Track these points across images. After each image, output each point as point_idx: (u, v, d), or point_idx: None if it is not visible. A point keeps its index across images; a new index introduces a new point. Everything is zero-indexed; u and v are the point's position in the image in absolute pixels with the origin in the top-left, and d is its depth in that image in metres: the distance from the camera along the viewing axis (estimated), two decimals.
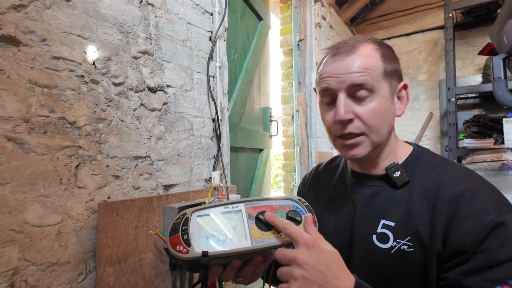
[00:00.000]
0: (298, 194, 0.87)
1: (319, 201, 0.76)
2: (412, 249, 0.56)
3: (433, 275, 0.54)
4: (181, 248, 0.50)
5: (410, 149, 0.66)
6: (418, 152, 0.65)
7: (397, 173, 0.61)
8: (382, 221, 0.61)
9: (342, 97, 0.59)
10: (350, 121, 0.59)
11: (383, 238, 0.60)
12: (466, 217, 0.52)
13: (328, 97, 0.62)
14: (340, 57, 0.60)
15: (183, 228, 0.53)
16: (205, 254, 0.49)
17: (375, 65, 0.59)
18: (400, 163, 0.63)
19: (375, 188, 0.64)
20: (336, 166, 0.79)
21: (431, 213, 0.56)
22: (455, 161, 0.64)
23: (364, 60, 0.59)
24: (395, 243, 0.58)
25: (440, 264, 0.54)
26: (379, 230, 0.61)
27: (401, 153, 0.65)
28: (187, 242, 0.51)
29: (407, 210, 0.59)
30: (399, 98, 0.64)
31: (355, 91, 0.59)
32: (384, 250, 0.59)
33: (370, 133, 0.59)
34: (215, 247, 0.52)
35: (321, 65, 0.65)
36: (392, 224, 0.59)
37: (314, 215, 0.57)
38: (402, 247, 0.57)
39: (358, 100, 0.59)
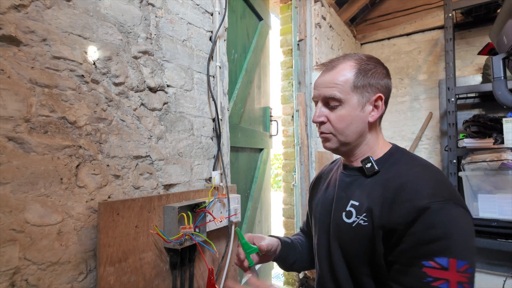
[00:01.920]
0: (309, 189, 1.03)
1: (320, 190, 0.92)
2: (367, 223, 0.69)
3: (379, 246, 0.66)
4: None
5: (388, 147, 0.79)
6: (393, 150, 0.78)
7: (368, 165, 0.74)
8: (351, 201, 0.75)
9: (319, 105, 0.77)
10: (322, 123, 0.77)
11: (349, 214, 0.74)
12: (403, 201, 0.63)
13: (316, 104, 0.79)
14: (323, 73, 0.77)
15: None
16: None
17: (345, 81, 0.73)
18: (376, 158, 0.76)
19: (353, 177, 0.78)
20: (337, 162, 0.94)
21: (384, 196, 0.68)
22: (422, 158, 0.78)
23: (337, 76, 0.74)
24: (356, 218, 0.72)
25: (385, 241, 0.66)
26: (347, 208, 0.75)
27: (380, 151, 0.78)
28: None
29: (368, 193, 0.72)
30: (375, 106, 0.75)
31: (328, 101, 0.75)
32: (348, 224, 0.73)
33: (337, 133, 0.76)
34: None
35: None
36: (357, 203, 0.73)
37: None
38: (360, 222, 0.71)
39: (331, 108, 0.75)
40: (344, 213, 0.75)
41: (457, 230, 0.59)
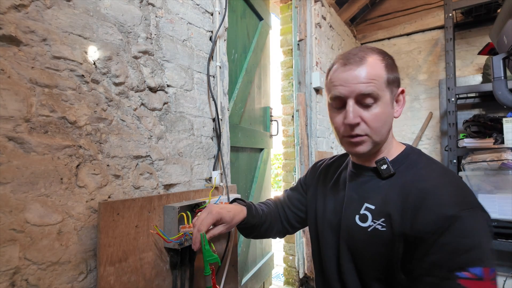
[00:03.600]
0: (306, 175, 1.02)
1: (326, 184, 0.88)
2: (385, 229, 0.66)
3: (398, 253, 0.64)
4: None
5: (402, 148, 0.76)
6: (408, 151, 0.75)
7: (384, 166, 0.71)
8: (365, 204, 0.71)
9: (351, 104, 0.68)
10: (357, 124, 0.69)
11: (364, 218, 0.71)
12: (429, 209, 0.61)
13: (339, 102, 0.71)
14: (350, 67, 0.68)
15: None
16: None
17: (380, 75, 0.68)
18: (391, 159, 0.73)
19: (366, 178, 0.75)
20: (344, 160, 0.91)
21: (404, 201, 0.65)
22: (438, 161, 0.75)
23: (371, 71, 0.67)
24: (372, 222, 0.69)
25: (407, 248, 0.63)
26: (361, 211, 0.72)
27: (394, 151, 0.75)
28: None
29: (386, 197, 0.68)
30: (397, 101, 0.73)
31: (362, 99, 0.68)
32: (363, 228, 0.70)
33: (373, 134, 0.69)
34: None
35: (332, 71, 0.73)
36: (373, 207, 0.70)
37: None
38: (377, 227, 0.68)
39: (365, 106, 0.68)
40: (357, 216, 0.72)
41: (485, 238, 0.57)
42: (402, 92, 0.73)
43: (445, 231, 0.57)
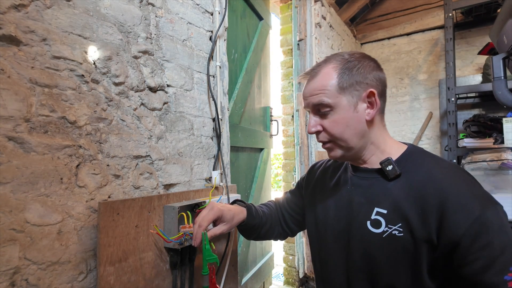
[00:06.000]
0: (304, 177, 1.00)
1: (325, 188, 0.86)
2: (402, 234, 0.64)
3: (422, 259, 0.62)
4: None
5: (404, 147, 0.75)
6: (412, 150, 0.74)
7: (390, 167, 0.69)
8: (376, 209, 0.69)
9: (311, 116, 0.74)
10: (318, 132, 0.74)
11: (376, 223, 0.68)
12: (456, 209, 0.59)
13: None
14: (307, 82, 0.75)
15: None
16: None
17: (330, 84, 0.70)
18: (394, 159, 0.71)
19: (371, 180, 0.73)
20: (342, 162, 0.88)
21: (421, 203, 0.63)
22: (443, 158, 0.74)
23: (320, 81, 0.71)
24: (386, 228, 0.66)
25: (439, 253, 0.61)
26: (373, 216, 0.69)
27: (394, 151, 0.73)
28: None
29: (397, 199, 0.66)
30: (369, 103, 0.71)
31: (318, 109, 0.72)
32: (377, 234, 0.67)
33: (336, 140, 0.72)
34: None
35: None
36: (385, 211, 0.68)
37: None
38: (393, 232, 0.65)
39: (323, 115, 0.72)
40: (369, 222, 0.69)
41: (510, 231, 0.58)
42: (372, 94, 0.70)
43: (479, 233, 0.57)
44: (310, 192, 0.92)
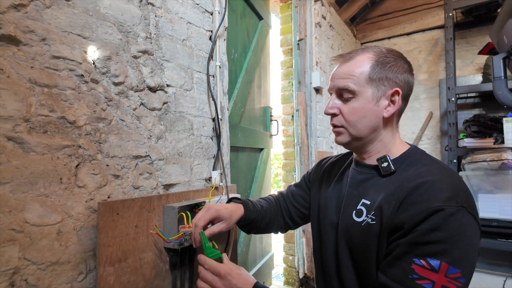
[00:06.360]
0: (310, 171, 1.02)
1: (330, 182, 0.89)
2: (375, 222, 0.67)
3: (384, 246, 0.65)
4: None
5: (407, 148, 0.76)
6: (412, 151, 0.75)
7: (385, 164, 0.72)
8: (362, 200, 0.73)
9: (333, 97, 0.76)
10: (334, 115, 0.75)
11: (359, 213, 0.72)
12: (417, 202, 0.61)
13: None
14: (339, 65, 0.76)
15: None
16: None
17: (361, 72, 0.71)
18: (393, 158, 0.73)
19: (367, 175, 0.76)
20: (348, 158, 0.91)
21: (397, 195, 0.65)
22: (442, 161, 0.74)
23: (352, 67, 0.72)
24: (365, 217, 0.70)
25: (387, 238, 0.64)
26: (358, 207, 0.73)
27: (397, 150, 0.75)
28: None
29: (383, 192, 0.69)
30: (392, 101, 0.72)
31: (341, 93, 0.73)
32: (358, 223, 0.71)
33: (348, 126, 0.74)
34: None
35: None
36: (368, 202, 0.71)
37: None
38: (368, 220, 0.69)
39: (344, 100, 0.73)
40: (354, 212, 0.73)
41: (462, 239, 0.56)
42: (397, 93, 0.71)
43: (423, 221, 0.58)
44: (316, 187, 0.94)
